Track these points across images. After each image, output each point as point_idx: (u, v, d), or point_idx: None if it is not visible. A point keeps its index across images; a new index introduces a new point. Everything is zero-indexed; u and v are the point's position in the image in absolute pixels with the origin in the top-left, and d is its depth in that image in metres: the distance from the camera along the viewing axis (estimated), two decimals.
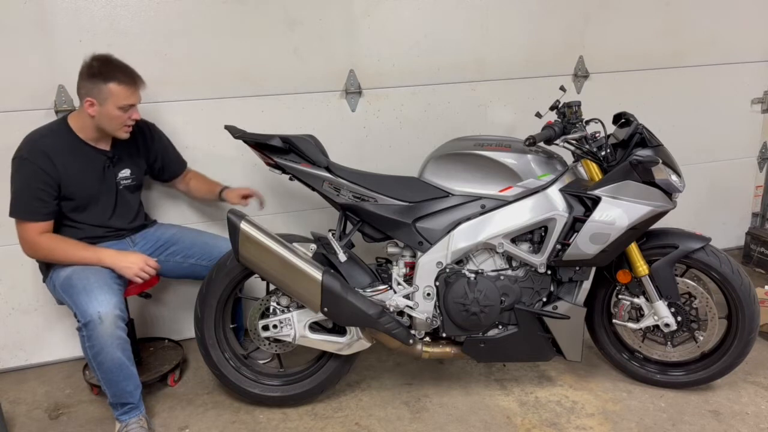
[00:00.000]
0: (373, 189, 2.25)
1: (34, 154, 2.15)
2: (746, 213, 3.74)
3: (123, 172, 2.38)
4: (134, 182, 2.43)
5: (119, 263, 2.21)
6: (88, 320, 2.06)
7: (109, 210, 2.37)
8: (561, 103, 2.25)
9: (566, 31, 3.08)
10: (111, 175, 2.34)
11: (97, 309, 2.06)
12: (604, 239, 2.15)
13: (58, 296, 2.26)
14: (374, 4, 2.79)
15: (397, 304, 2.25)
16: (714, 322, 2.30)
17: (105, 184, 2.32)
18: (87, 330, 2.07)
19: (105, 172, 2.32)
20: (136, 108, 2.25)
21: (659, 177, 2.15)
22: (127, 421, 2.19)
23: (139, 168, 2.45)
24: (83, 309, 2.08)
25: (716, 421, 2.26)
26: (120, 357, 2.11)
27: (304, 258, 2.20)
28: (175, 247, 2.50)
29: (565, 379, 2.55)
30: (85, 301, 2.09)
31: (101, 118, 2.19)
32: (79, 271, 2.19)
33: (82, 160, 2.25)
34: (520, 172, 2.22)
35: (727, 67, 3.39)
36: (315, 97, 2.83)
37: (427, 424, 2.30)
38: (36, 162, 2.14)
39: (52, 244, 2.20)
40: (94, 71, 2.16)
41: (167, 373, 2.56)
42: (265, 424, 2.33)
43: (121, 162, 2.36)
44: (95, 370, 2.13)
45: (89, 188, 2.28)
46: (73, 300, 2.13)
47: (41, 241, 2.18)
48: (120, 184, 2.37)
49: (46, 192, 2.16)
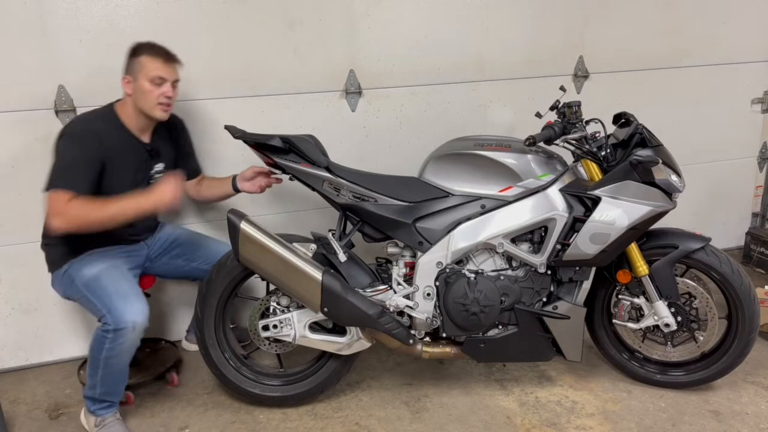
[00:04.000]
0: (373, 189, 2.25)
1: (86, 133, 2.13)
2: (746, 213, 3.74)
3: (158, 165, 2.37)
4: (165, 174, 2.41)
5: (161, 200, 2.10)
6: (122, 327, 2.05)
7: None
8: (561, 103, 2.25)
9: (566, 31, 3.08)
10: (147, 169, 2.33)
11: (133, 318, 2.06)
12: (604, 239, 2.15)
13: (75, 293, 2.20)
14: (374, 4, 2.79)
15: (397, 304, 2.25)
16: (714, 322, 2.30)
17: (140, 177, 2.30)
18: (116, 335, 2.06)
19: (142, 165, 2.30)
20: (170, 85, 2.22)
21: (659, 177, 2.15)
22: (104, 416, 2.20)
23: (171, 163, 2.44)
24: (119, 315, 2.06)
25: (716, 421, 2.26)
26: (128, 362, 2.14)
27: (304, 258, 2.20)
28: (179, 249, 2.50)
29: (565, 379, 2.55)
30: (122, 307, 2.07)
31: (137, 95, 2.19)
32: (107, 272, 2.17)
33: (126, 149, 2.23)
34: (520, 172, 2.22)
35: (727, 67, 3.39)
36: (315, 97, 2.83)
37: (427, 424, 2.30)
38: (87, 139, 2.12)
39: (85, 205, 2.05)
40: (131, 51, 2.21)
41: (162, 374, 2.55)
42: (265, 424, 2.33)
43: (157, 156, 2.36)
44: (97, 368, 2.13)
45: (126, 179, 2.23)
46: (104, 302, 2.10)
47: (71, 207, 2.03)
48: (153, 177, 2.35)
49: (90, 170, 2.11)
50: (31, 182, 2.58)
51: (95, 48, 2.51)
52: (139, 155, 2.28)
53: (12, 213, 2.59)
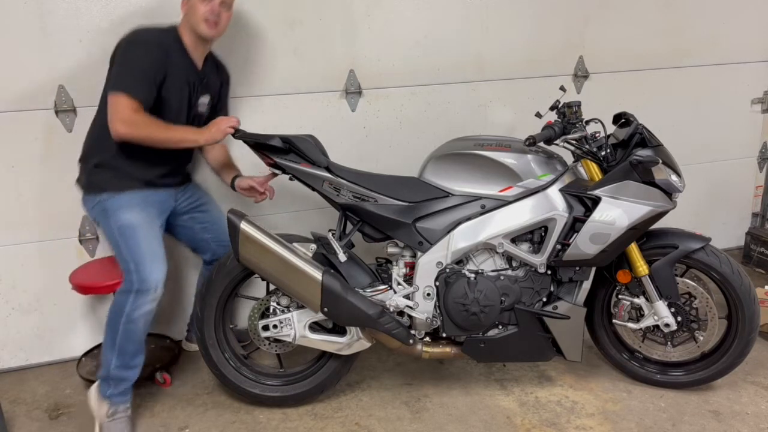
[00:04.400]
0: (373, 189, 2.25)
1: (155, 44, 2.16)
2: (746, 213, 3.74)
3: (204, 97, 2.37)
4: (206, 112, 2.41)
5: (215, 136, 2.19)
6: (146, 288, 2.11)
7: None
8: (561, 103, 2.25)
9: (566, 31, 3.08)
10: (196, 95, 2.33)
11: (157, 280, 2.13)
12: (604, 239, 2.15)
13: (106, 228, 2.22)
14: (374, 4, 2.79)
15: (397, 304, 2.25)
16: (714, 322, 2.30)
17: (186, 101, 2.30)
18: (137, 296, 2.11)
19: (193, 90, 2.30)
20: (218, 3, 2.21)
21: (659, 177, 2.15)
22: (117, 406, 2.20)
23: (213, 100, 2.44)
24: (145, 275, 2.11)
25: (716, 421, 2.26)
26: (144, 333, 2.17)
27: (304, 258, 2.20)
28: (202, 215, 2.52)
29: (565, 379, 2.55)
30: (149, 268, 2.12)
31: (189, 14, 2.22)
32: (143, 227, 2.18)
33: (183, 70, 2.25)
34: (520, 172, 2.22)
35: (727, 67, 3.39)
36: (315, 97, 2.83)
37: (427, 424, 2.30)
38: (155, 50, 2.15)
39: (150, 121, 2.12)
40: None
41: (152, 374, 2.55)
42: (265, 424, 2.33)
43: (204, 86, 2.36)
44: (115, 337, 2.14)
45: (175, 99, 2.24)
46: (134, 257, 2.14)
47: (138, 117, 2.09)
48: (198, 107, 2.35)
49: (154, 80, 2.13)
50: (31, 182, 2.58)
51: (95, 48, 2.51)
52: (192, 79, 2.29)
53: (12, 213, 2.59)
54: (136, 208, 2.21)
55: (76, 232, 2.69)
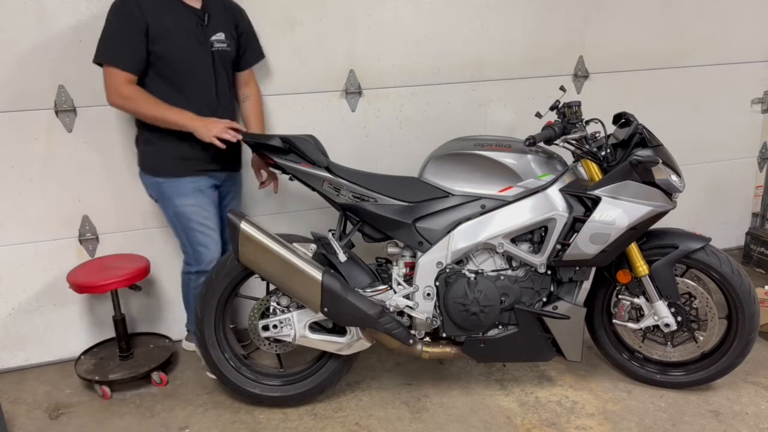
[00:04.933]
0: (373, 189, 2.25)
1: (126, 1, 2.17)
2: (746, 213, 3.74)
3: (217, 34, 2.33)
4: (228, 48, 2.37)
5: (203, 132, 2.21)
6: (202, 268, 2.39)
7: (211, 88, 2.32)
8: (561, 103, 2.25)
9: (566, 31, 3.08)
10: (204, 35, 2.29)
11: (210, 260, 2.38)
12: (604, 239, 2.15)
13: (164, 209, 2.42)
14: (374, 4, 2.79)
15: (397, 304, 2.25)
16: (714, 322, 2.30)
17: (198, 44, 2.27)
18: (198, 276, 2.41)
19: (197, 30, 2.27)
20: None
21: (659, 177, 2.15)
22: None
23: (231, 36, 2.39)
24: (200, 257, 2.39)
25: (716, 421, 2.26)
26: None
27: (304, 258, 2.20)
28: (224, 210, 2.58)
29: (565, 379, 2.55)
30: (204, 252, 2.38)
31: None
32: (200, 213, 2.35)
33: (173, 12, 2.23)
34: (520, 172, 2.22)
35: (727, 67, 3.39)
36: (315, 97, 2.83)
37: (427, 424, 2.30)
38: (125, 7, 2.16)
39: (138, 93, 2.19)
40: None
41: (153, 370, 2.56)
42: (265, 424, 2.33)
43: (213, 23, 2.32)
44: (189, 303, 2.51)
45: (186, 45, 2.23)
46: (189, 241, 2.39)
47: (127, 89, 2.18)
48: (214, 45, 2.32)
49: (132, 35, 2.15)
50: (31, 182, 2.58)
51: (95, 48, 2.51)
52: (189, 19, 2.27)
53: (12, 213, 2.59)
54: (189, 196, 2.36)
55: (76, 232, 2.69)
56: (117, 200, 2.70)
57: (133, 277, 2.49)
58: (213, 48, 2.33)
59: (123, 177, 2.68)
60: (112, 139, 2.63)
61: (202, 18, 2.30)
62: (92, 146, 2.62)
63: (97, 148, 2.62)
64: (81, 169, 2.63)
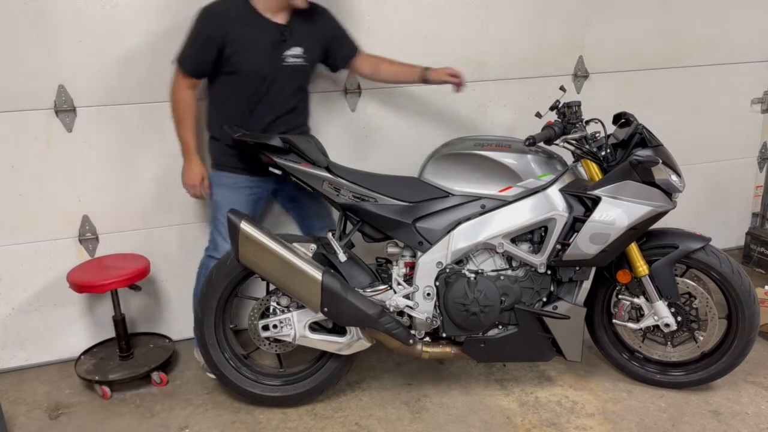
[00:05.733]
0: (373, 189, 2.25)
1: (210, 13, 2.28)
2: (746, 213, 3.74)
3: (294, 49, 2.37)
4: (305, 63, 2.40)
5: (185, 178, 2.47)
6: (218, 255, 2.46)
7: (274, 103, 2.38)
8: (561, 103, 2.25)
9: (566, 31, 3.08)
10: (280, 50, 2.34)
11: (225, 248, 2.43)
12: (604, 239, 2.15)
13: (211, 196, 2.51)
14: (374, 4, 2.79)
15: (397, 304, 2.25)
16: (714, 322, 2.30)
17: (271, 59, 2.33)
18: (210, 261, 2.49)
19: (275, 45, 2.32)
20: None
21: (659, 177, 2.15)
22: None
23: (313, 50, 2.43)
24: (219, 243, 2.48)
25: (716, 421, 2.26)
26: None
27: (304, 258, 2.20)
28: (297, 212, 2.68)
29: (565, 379, 2.55)
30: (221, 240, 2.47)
31: None
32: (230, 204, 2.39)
33: (254, 29, 2.29)
34: (520, 172, 2.22)
35: (727, 67, 3.39)
36: (314, 97, 2.82)
37: (427, 424, 2.30)
38: (208, 19, 2.27)
39: (180, 105, 2.39)
40: None
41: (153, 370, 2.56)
42: (265, 424, 2.33)
43: (294, 38, 2.36)
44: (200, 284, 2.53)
45: (257, 59, 2.30)
46: (216, 228, 2.49)
47: (177, 95, 2.38)
48: (287, 60, 2.36)
49: (202, 47, 2.29)
50: (31, 182, 2.58)
51: (95, 48, 2.51)
52: (269, 35, 2.32)
53: (12, 213, 2.59)
54: (227, 189, 2.46)
55: (76, 232, 2.69)
56: (117, 200, 2.70)
57: (133, 277, 2.50)
58: (285, 63, 2.36)
59: (123, 177, 2.68)
60: (112, 139, 2.63)
61: (283, 33, 2.34)
62: (92, 146, 2.62)
63: (97, 148, 2.62)
64: (81, 169, 2.63)
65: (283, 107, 2.41)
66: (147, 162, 2.69)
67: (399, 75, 2.62)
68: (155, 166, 2.71)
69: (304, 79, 2.48)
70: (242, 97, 2.36)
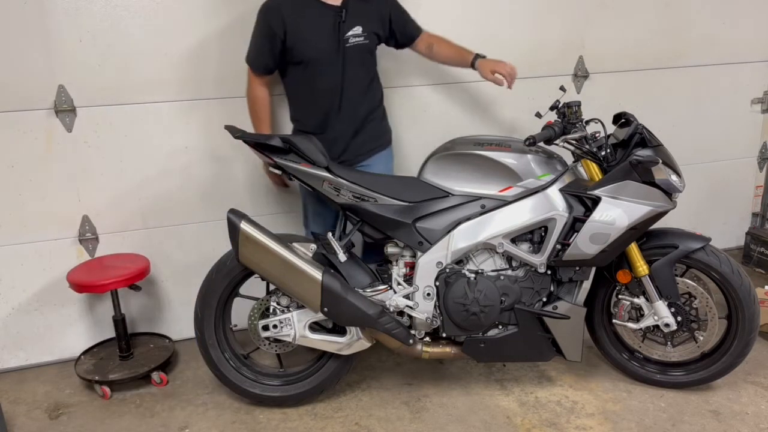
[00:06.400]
0: (373, 189, 2.24)
1: (265, 9, 2.34)
2: (746, 213, 3.74)
3: (354, 29, 2.37)
4: (366, 41, 2.40)
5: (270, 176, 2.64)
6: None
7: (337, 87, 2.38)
8: (561, 103, 2.25)
9: (566, 31, 3.08)
10: (340, 32, 2.35)
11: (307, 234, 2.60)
12: (604, 239, 2.15)
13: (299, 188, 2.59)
14: None
15: (397, 304, 2.25)
16: (714, 322, 2.30)
17: (332, 42, 2.34)
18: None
19: (334, 28, 2.34)
20: None
21: (659, 177, 2.15)
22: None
23: (372, 28, 2.43)
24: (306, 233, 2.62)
25: (716, 421, 2.26)
26: None
27: (304, 258, 2.20)
28: None
29: (565, 379, 2.55)
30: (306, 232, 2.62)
31: None
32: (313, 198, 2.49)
33: (312, 15, 2.33)
34: (520, 172, 2.22)
35: (727, 67, 3.39)
36: None
37: (427, 424, 2.30)
38: (265, 15, 2.34)
39: (255, 102, 2.50)
40: None
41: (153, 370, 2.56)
42: (265, 424, 2.33)
43: (352, 18, 2.37)
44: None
45: (318, 43, 2.33)
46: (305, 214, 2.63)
47: (251, 93, 2.50)
48: (349, 41, 2.36)
49: (264, 43, 2.36)
50: (30, 182, 2.58)
51: (95, 48, 2.51)
52: (328, 19, 2.34)
53: (12, 213, 2.59)
54: None
55: (76, 232, 2.69)
56: (117, 200, 2.70)
57: (133, 277, 2.50)
58: (348, 44, 2.37)
59: (123, 177, 2.68)
60: (112, 139, 2.63)
61: (339, 15, 2.34)
62: (92, 146, 2.62)
63: (97, 148, 2.62)
64: (81, 169, 2.63)
65: (357, 87, 2.43)
66: (147, 162, 2.69)
67: (451, 58, 2.63)
68: (155, 166, 2.71)
69: (371, 57, 2.50)
70: (315, 84, 2.39)
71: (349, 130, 2.46)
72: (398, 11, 2.56)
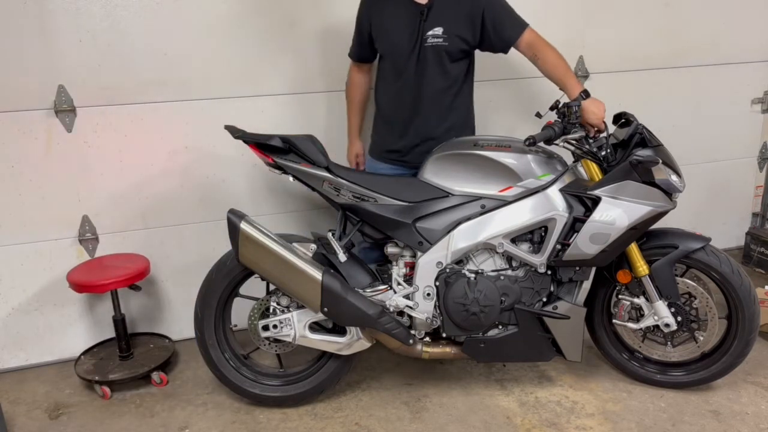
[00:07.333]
0: (373, 189, 2.24)
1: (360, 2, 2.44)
2: (746, 213, 3.74)
3: (435, 29, 2.32)
4: (445, 43, 2.32)
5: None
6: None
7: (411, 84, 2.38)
8: (561, 103, 2.25)
9: (566, 31, 3.08)
10: (420, 31, 2.32)
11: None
12: (604, 239, 2.15)
13: None
14: None
15: (397, 304, 2.25)
16: (714, 322, 2.30)
17: (410, 40, 2.33)
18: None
19: (414, 25, 2.33)
20: None
21: (659, 177, 2.15)
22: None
23: (455, 31, 2.32)
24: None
25: (716, 421, 2.26)
26: None
27: (304, 258, 2.20)
28: None
29: (565, 379, 2.55)
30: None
31: None
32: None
33: (395, 10, 2.36)
34: (520, 172, 2.22)
35: (727, 67, 3.39)
36: (315, 97, 2.83)
37: (427, 424, 2.30)
38: (360, 5, 2.45)
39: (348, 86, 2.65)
40: None
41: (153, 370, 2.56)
42: (265, 424, 2.33)
43: (434, 18, 2.32)
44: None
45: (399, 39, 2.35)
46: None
47: (348, 77, 2.64)
48: (426, 41, 2.32)
49: (358, 32, 2.48)
50: (30, 182, 2.58)
51: (95, 48, 2.51)
52: (410, 15, 2.33)
53: (12, 213, 2.59)
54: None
55: (76, 232, 2.69)
56: (117, 200, 2.70)
57: (133, 277, 2.50)
58: (426, 43, 2.34)
59: (123, 177, 2.68)
60: (112, 139, 2.63)
61: (422, 13, 2.32)
62: (92, 146, 2.62)
63: (97, 148, 2.62)
64: (81, 169, 2.63)
65: (428, 88, 2.39)
66: (147, 162, 2.69)
67: (551, 77, 2.39)
68: (155, 166, 2.71)
69: (451, 63, 2.37)
70: (390, 79, 2.42)
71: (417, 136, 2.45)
72: (494, 11, 2.36)
